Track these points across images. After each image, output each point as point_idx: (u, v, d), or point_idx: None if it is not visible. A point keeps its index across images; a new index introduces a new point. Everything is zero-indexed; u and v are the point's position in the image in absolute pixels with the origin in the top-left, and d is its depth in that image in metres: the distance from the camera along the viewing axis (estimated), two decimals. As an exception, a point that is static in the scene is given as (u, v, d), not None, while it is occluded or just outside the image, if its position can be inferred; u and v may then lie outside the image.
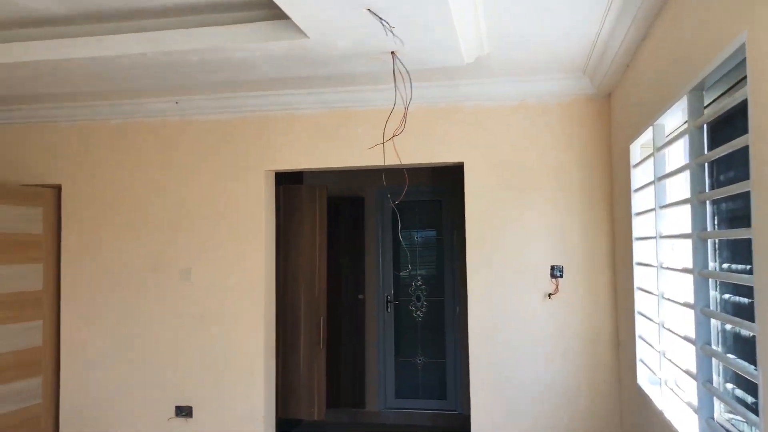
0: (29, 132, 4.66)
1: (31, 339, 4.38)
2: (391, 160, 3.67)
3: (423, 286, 6.16)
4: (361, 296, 6.10)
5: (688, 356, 2.53)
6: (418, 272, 6.18)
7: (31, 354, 4.37)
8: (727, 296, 2.27)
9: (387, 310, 6.11)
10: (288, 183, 5.10)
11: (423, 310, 6.15)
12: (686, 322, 2.54)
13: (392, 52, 3.20)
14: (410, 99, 3.48)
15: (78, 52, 3.23)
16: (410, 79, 3.41)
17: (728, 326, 2.26)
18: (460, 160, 4.18)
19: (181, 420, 4.40)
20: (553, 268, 4.03)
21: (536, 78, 3.97)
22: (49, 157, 4.62)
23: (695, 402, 2.33)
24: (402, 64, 3.31)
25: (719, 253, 2.32)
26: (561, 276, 4.03)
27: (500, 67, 3.73)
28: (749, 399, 2.11)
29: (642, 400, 3.24)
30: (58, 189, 4.59)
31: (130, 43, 3.16)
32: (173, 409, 4.41)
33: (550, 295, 4.03)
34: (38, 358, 4.43)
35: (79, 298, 4.54)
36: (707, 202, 2.28)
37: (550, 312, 4.04)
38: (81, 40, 3.21)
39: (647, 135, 3.03)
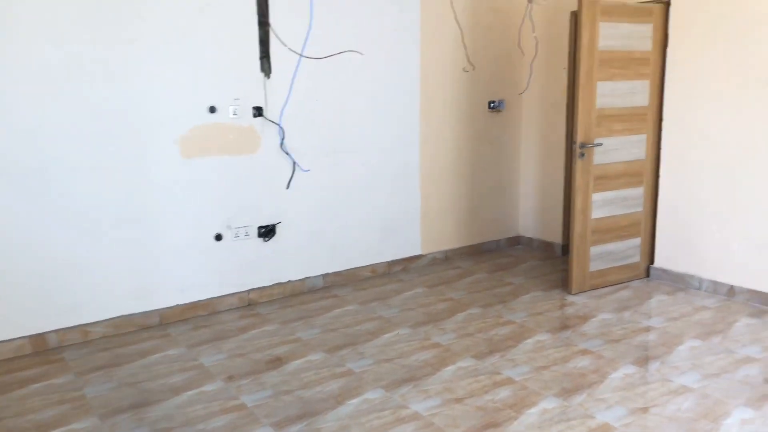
0: (641, -52, 4.71)
1: (638, 152, 4.75)
2: None
3: None
4: None
5: None
6: None
7: (637, 166, 4.77)
8: None
9: None
10: None
11: None
12: None
13: None
14: None
15: None
16: None
17: None
18: None
19: (782, 246, 4.20)
20: None
21: None
22: (660, -29, 4.63)
23: None
24: None
25: None
26: None
27: None
28: None
29: None
30: (667, 5, 4.59)
31: None
32: (775, 234, 4.23)
33: None
34: (642, 169, 4.80)
35: (681, 114, 4.61)
36: None
37: None
38: None
39: None
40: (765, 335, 3.87)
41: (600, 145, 4.51)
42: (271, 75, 4.43)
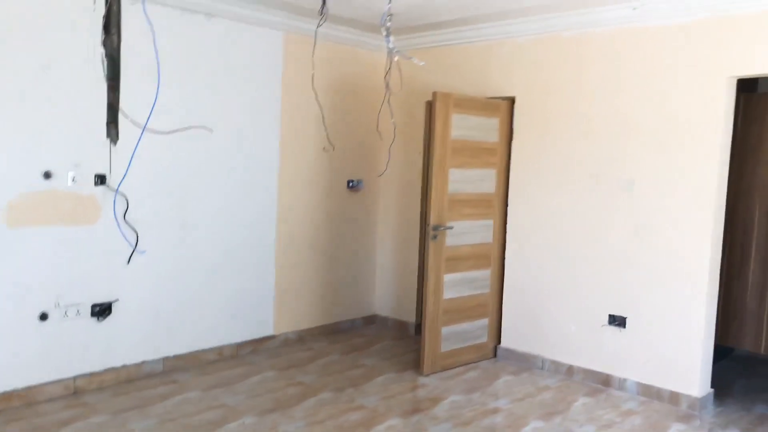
0: (491, 49, 5.09)
1: (486, 235, 4.98)
2: None
3: None
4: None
5: None
6: None
7: (485, 248, 4.99)
8: None
9: None
10: (745, 91, 4.55)
11: None
12: None
13: None
14: None
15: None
16: None
17: None
18: None
19: (613, 328, 4.51)
20: None
21: None
22: (506, 71, 5.01)
23: None
24: None
25: None
26: None
27: None
28: None
29: None
30: (512, 101, 4.98)
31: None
32: (606, 316, 4.54)
33: None
34: (489, 252, 5.03)
35: (525, 201, 4.93)
36: None
37: None
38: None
39: None
40: (599, 414, 4.08)
41: (451, 228, 4.67)
42: (119, 141, 4.17)
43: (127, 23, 4.13)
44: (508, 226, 5.05)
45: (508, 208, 5.04)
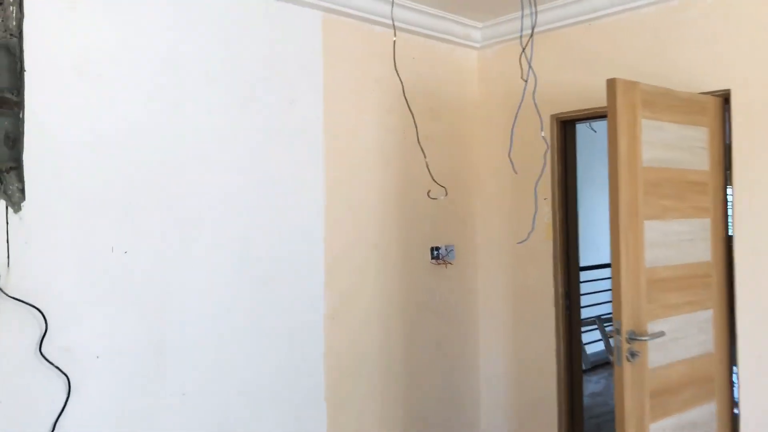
0: (670, 14, 2.95)
1: (703, 340, 2.74)
2: None
3: None
4: None
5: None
6: None
7: (703, 365, 2.74)
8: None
9: None
10: None
11: None
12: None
13: None
14: None
15: None
16: None
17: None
18: None
19: None
20: None
21: None
22: (706, 48, 2.85)
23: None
24: None
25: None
26: None
27: None
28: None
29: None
30: (724, 99, 2.85)
31: None
32: None
33: None
34: (710, 371, 2.78)
35: (762, 274, 2.74)
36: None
37: None
38: None
39: None
40: None
41: (661, 334, 2.49)
42: (25, 204, 2.21)
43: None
44: (737, 323, 2.81)
45: (736, 288, 2.83)
